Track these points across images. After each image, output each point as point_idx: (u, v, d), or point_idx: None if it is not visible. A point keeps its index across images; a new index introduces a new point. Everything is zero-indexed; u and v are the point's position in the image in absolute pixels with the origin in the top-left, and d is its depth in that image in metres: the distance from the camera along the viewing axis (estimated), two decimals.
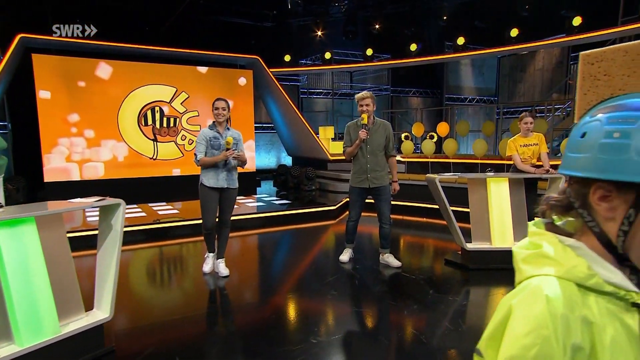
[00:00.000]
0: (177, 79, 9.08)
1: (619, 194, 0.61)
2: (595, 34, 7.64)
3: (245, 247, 5.83)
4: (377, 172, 4.07)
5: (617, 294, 0.63)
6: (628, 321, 0.63)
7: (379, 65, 11.54)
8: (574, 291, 0.62)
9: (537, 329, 0.60)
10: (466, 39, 9.56)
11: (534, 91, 12.04)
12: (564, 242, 0.66)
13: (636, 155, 0.57)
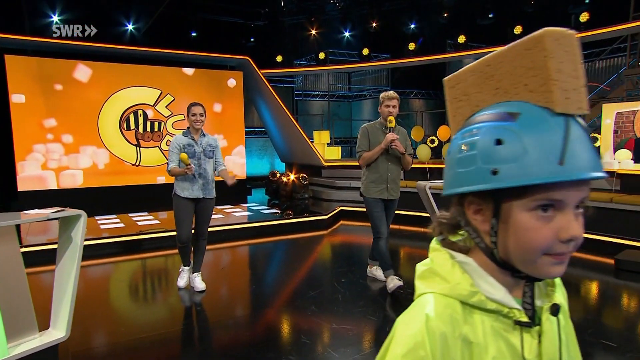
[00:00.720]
0: (162, 81, 9.13)
1: (486, 205, 0.63)
2: (604, 30, 7.64)
3: (226, 259, 5.81)
4: (396, 183, 3.92)
5: (501, 312, 0.63)
6: (512, 340, 0.64)
7: (377, 65, 11.59)
8: (457, 309, 0.63)
9: (415, 349, 0.61)
10: (468, 37, 9.59)
11: None
12: (455, 258, 0.67)
13: (481, 162, 0.60)
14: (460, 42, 9.23)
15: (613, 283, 4.39)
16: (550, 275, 0.62)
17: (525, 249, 0.60)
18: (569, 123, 0.58)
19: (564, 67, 0.58)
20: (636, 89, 8.39)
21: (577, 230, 0.60)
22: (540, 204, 0.59)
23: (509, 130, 0.59)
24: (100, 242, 5.63)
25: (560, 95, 0.57)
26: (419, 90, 14.08)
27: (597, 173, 0.58)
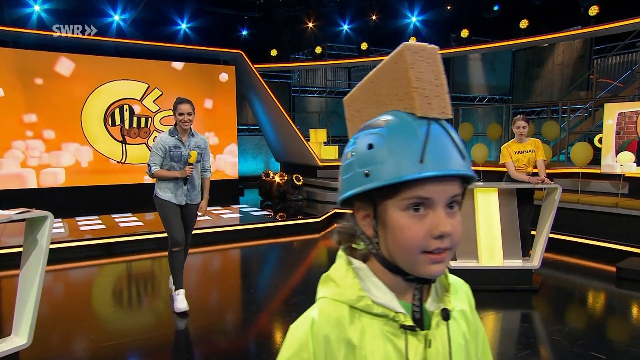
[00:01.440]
0: (149, 75, 9.18)
1: (369, 209, 0.68)
2: (614, 25, 7.63)
3: (213, 263, 5.84)
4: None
5: (388, 316, 0.68)
6: (399, 344, 0.67)
7: (376, 60, 11.60)
8: (344, 313, 0.68)
9: (299, 351, 0.67)
10: (472, 31, 9.59)
11: (553, 89, 12.02)
12: (351, 264, 0.72)
13: (357, 167, 0.67)
14: (464, 36, 9.23)
15: (613, 292, 4.40)
16: (430, 274, 0.66)
17: (402, 247, 0.65)
18: (431, 126, 0.65)
19: (425, 76, 0.66)
20: None
21: (447, 226, 0.64)
22: (410, 202, 0.64)
23: (378, 135, 0.66)
24: (76, 245, 5.66)
25: (421, 101, 0.65)
26: None
27: (455, 170, 0.64)
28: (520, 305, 3.91)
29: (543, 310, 3.94)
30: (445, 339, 0.71)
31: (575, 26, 8.25)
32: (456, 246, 0.67)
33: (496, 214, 4.30)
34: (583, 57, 11.47)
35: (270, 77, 13.64)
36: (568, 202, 6.18)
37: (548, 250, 5.42)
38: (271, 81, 13.71)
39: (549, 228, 4.31)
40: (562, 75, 11.89)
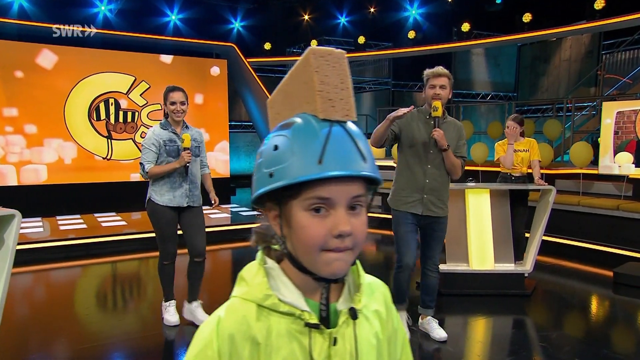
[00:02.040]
0: (136, 67, 9.19)
1: (277, 209, 0.73)
2: (619, 19, 7.63)
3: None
4: (437, 194, 3.09)
5: (294, 314, 0.71)
6: (305, 342, 0.71)
7: (373, 55, 11.62)
8: (251, 312, 0.72)
9: (204, 349, 0.71)
10: (474, 24, 9.60)
11: (560, 85, 12.02)
12: (264, 263, 0.76)
13: (264, 168, 0.71)
14: (464, 30, 9.24)
15: (607, 298, 4.41)
16: (331, 271, 0.70)
17: (304, 245, 0.70)
18: (332, 128, 0.69)
19: (330, 80, 0.70)
20: None
21: (346, 226, 0.68)
22: (312, 202, 0.68)
23: (283, 137, 0.70)
24: (53, 245, 5.69)
25: (324, 104, 0.69)
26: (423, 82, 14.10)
27: (352, 171, 0.67)
28: (510, 311, 3.92)
29: (533, 316, 3.96)
30: (352, 338, 0.74)
31: (580, 20, 8.25)
32: (359, 246, 0.71)
33: (488, 216, 4.32)
34: (591, 53, 11.46)
35: (264, 71, 13.65)
36: (568, 205, 6.19)
37: (544, 254, 5.46)
38: (266, 76, 13.72)
39: (542, 231, 4.33)
40: (570, 71, 11.89)
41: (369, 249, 6.72)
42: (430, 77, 3.05)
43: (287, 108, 0.76)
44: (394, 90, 14.19)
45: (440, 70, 3.05)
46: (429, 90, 3.06)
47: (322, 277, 0.71)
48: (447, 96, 3.08)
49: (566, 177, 6.95)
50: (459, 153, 3.14)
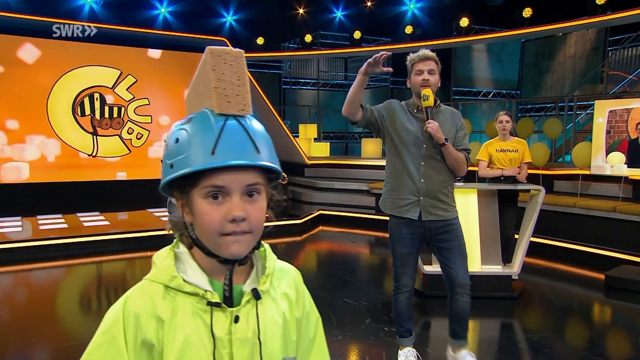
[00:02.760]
0: (122, 60, 9.29)
1: (182, 198, 0.83)
2: (621, 15, 7.72)
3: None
4: (437, 196, 2.73)
5: (198, 294, 0.81)
6: (207, 320, 0.81)
7: (369, 51, 11.70)
8: (158, 292, 0.81)
9: (110, 327, 0.80)
10: (476, 19, 9.69)
11: (564, 83, 12.10)
12: (175, 248, 0.86)
13: (167, 160, 0.82)
14: (463, 25, 9.34)
15: (596, 301, 4.50)
16: (231, 253, 0.80)
17: (204, 230, 0.80)
18: (227, 122, 0.79)
19: (226, 77, 0.80)
20: None
21: (240, 211, 0.78)
22: (208, 191, 0.78)
23: (183, 130, 0.80)
24: (31, 245, 5.78)
25: (220, 99, 0.79)
26: None
27: (243, 161, 0.77)
28: (494, 313, 4.01)
29: (517, 319, 4.04)
30: (254, 316, 0.84)
31: (582, 16, 8.35)
32: (258, 229, 0.82)
33: (475, 217, 4.40)
34: (597, 49, 11.54)
35: (259, 67, 13.78)
36: (565, 206, 6.28)
37: (537, 257, 5.55)
38: (260, 72, 13.86)
39: (531, 233, 4.41)
40: (575, 68, 11.97)
41: (362, 251, 6.80)
42: (416, 61, 2.70)
43: (197, 104, 0.86)
44: (393, 88, 14.29)
45: (427, 52, 2.70)
46: (415, 77, 2.70)
47: (225, 259, 0.81)
48: (437, 82, 2.71)
49: (565, 178, 7.04)
50: (461, 145, 2.76)
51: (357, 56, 13.77)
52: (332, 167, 10.41)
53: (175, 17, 11.81)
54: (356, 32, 10.62)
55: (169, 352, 0.78)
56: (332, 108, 15.39)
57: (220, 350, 0.80)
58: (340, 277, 5.25)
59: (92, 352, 0.80)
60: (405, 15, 12.02)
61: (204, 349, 0.80)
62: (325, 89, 15.09)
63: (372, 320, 3.80)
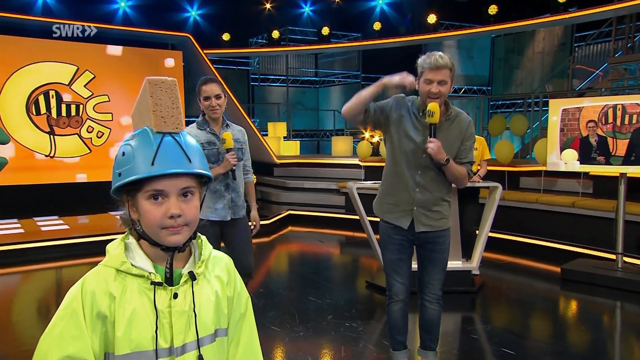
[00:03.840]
0: (78, 56, 9.27)
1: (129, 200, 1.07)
2: (583, 13, 8.19)
3: None
4: (431, 204, 2.68)
5: (144, 275, 1.06)
6: (151, 296, 1.06)
7: (338, 47, 11.98)
8: (110, 275, 1.06)
9: (71, 303, 1.04)
10: (442, 15, 10.06)
11: (534, 79, 12.63)
12: (125, 239, 1.10)
13: (115, 169, 1.06)
14: (431, 22, 9.70)
15: (551, 293, 4.85)
16: (170, 242, 1.06)
17: (148, 226, 1.05)
18: (164, 138, 1.05)
19: (163, 101, 1.07)
20: (622, 79, 8.99)
21: (176, 209, 1.03)
22: (150, 193, 1.04)
23: (129, 145, 1.05)
24: None
25: (158, 120, 1.06)
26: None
27: (175, 170, 1.03)
28: (453, 307, 4.30)
29: (474, 312, 4.36)
30: (190, 294, 1.08)
31: (545, 13, 8.80)
32: (192, 223, 1.08)
33: None
34: (564, 45, 12.10)
35: (226, 63, 13.89)
36: (528, 202, 6.67)
37: (499, 252, 5.92)
38: (227, 68, 13.97)
39: (489, 228, 4.74)
40: (543, 64, 12.51)
41: (331, 250, 7.04)
42: (426, 69, 2.53)
43: (140, 122, 1.11)
44: (364, 84, 14.60)
45: (439, 60, 2.50)
46: (423, 85, 2.56)
47: (167, 247, 1.06)
48: (447, 93, 2.58)
49: (529, 174, 7.45)
50: (465, 159, 2.68)
51: (326, 52, 14.03)
52: (302, 166, 10.63)
53: (136, 12, 11.81)
54: (324, 28, 10.86)
55: (120, 321, 1.02)
56: (303, 105, 15.62)
57: (161, 320, 1.04)
58: (306, 277, 5.49)
59: (56, 323, 1.03)
60: (374, 10, 12.33)
61: (148, 319, 1.04)
62: (295, 85, 15.29)
63: (333, 317, 4.04)
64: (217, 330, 1.12)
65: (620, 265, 4.86)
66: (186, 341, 1.06)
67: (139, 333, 1.03)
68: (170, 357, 1.05)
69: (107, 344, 1.04)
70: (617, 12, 8.35)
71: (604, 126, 4.66)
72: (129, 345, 1.02)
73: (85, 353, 1.01)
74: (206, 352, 1.08)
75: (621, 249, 4.85)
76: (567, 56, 11.74)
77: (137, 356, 1.02)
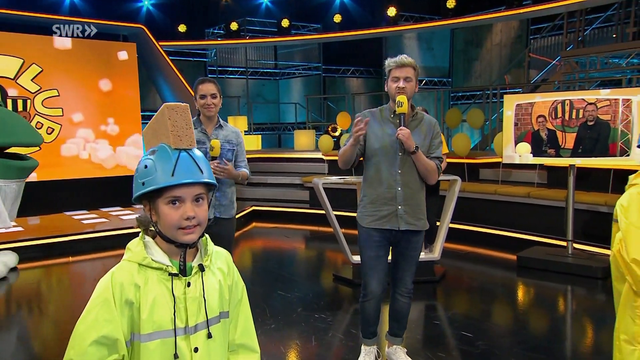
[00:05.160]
0: (24, 48, 9.10)
1: (149, 204, 1.33)
2: (539, 7, 8.75)
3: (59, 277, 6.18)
4: (414, 202, 2.94)
5: (162, 268, 1.31)
6: (168, 285, 1.33)
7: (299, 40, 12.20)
8: (134, 268, 1.32)
9: (104, 291, 1.31)
10: (401, 7, 10.44)
11: (492, 70, 13.26)
12: (144, 239, 1.35)
13: (138, 179, 1.32)
14: (391, 15, 10.06)
15: (508, 280, 5.33)
16: (186, 240, 1.32)
17: (167, 226, 1.31)
18: (181, 153, 1.32)
19: (178, 123, 1.34)
20: (574, 73, 9.64)
21: (191, 212, 1.30)
22: (170, 199, 1.30)
23: (150, 159, 1.32)
24: None
25: (175, 139, 1.33)
26: (356, 67, 14.89)
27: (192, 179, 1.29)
28: (417, 296, 4.61)
29: (436, 300, 4.77)
30: (200, 282, 1.36)
31: (502, 6, 9.33)
32: (203, 223, 1.34)
33: None
34: (521, 37, 12.76)
35: (182, 55, 13.85)
36: (487, 193, 7.14)
37: (459, 242, 6.36)
38: (184, 60, 13.93)
39: (449, 219, 5.13)
40: (501, 55, 13.15)
41: (297, 245, 7.31)
42: (393, 67, 2.87)
43: (154, 138, 1.38)
44: (325, 76, 14.89)
45: (404, 59, 2.86)
46: (391, 83, 2.88)
47: (181, 244, 1.32)
48: (413, 89, 2.88)
49: (488, 166, 7.95)
50: (433, 154, 2.95)
51: (286, 45, 14.22)
52: (265, 161, 10.81)
53: (84, 1, 11.62)
54: (284, 20, 11.04)
55: (144, 307, 1.29)
56: (263, 98, 15.76)
57: (178, 305, 1.31)
58: (274, 272, 5.74)
59: (91, 309, 1.29)
60: (334, 2, 12.59)
61: (167, 304, 1.31)
62: (254, 77, 15.40)
63: (303, 309, 4.33)
64: (221, 313, 1.40)
65: (570, 251, 5.36)
66: (198, 321, 1.33)
67: (160, 316, 1.29)
68: (186, 335, 1.32)
69: (133, 325, 1.29)
70: (569, 8, 8.95)
71: (554, 120, 5.12)
72: (152, 326, 1.28)
73: (117, 333, 1.26)
74: (214, 331, 1.36)
75: (571, 236, 5.34)
76: (523, 48, 12.39)
77: (158, 335, 1.29)
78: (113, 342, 1.26)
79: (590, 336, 4.01)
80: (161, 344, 1.29)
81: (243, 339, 1.48)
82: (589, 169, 6.06)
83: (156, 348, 1.29)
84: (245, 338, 1.48)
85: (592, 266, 5.05)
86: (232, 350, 1.46)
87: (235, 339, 1.46)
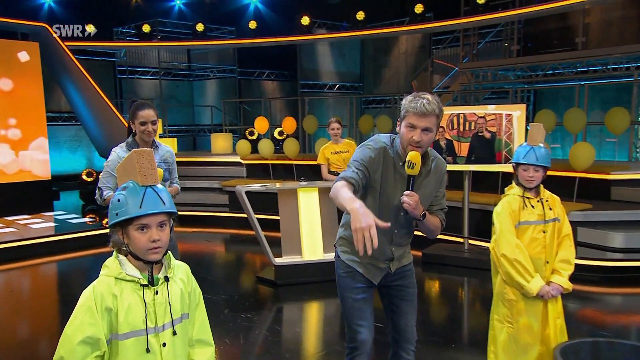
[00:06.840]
0: None
1: (122, 231, 1.63)
2: (438, 24, 9.66)
3: (18, 283, 6.05)
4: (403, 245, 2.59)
5: (135, 280, 1.63)
6: (140, 294, 1.65)
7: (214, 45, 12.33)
8: (112, 281, 1.64)
9: (86, 300, 1.61)
10: (314, 14, 10.94)
11: (400, 77, 14.24)
12: (118, 257, 1.66)
13: (113, 210, 1.63)
14: (304, 23, 10.53)
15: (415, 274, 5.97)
16: (152, 259, 1.64)
17: (137, 248, 1.62)
18: (147, 189, 1.64)
19: (144, 164, 1.66)
20: (469, 83, 10.74)
21: (156, 236, 1.61)
22: (138, 226, 1.61)
23: (122, 194, 1.63)
24: None
25: (142, 177, 1.65)
26: (271, 70, 15.24)
27: (155, 210, 1.61)
28: (327, 295, 5.11)
29: None
30: (166, 291, 1.68)
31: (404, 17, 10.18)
32: (165, 245, 1.65)
33: (317, 211, 5.48)
34: (424, 47, 13.83)
35: (89, 54, 13.38)
36: None
37: None
38: (91, 59, 13.46)
39: None
40: (407, 63, 14.16)
41: (218, 249, 7.55)
42: (411, 113, 2.29)
43: (125, 175, 1.68)
44: (241, 79, 15.09)
45: (427, 106, 2.25)
46: (405, 130, 2.32)
47: (148, 261, 1.64)
48: (430, 141, 2.35)
49: None
50: (437, 205, 2.56)
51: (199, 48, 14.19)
52: (182, 165, 10.79)
53: None
54: (199, 24, 11.13)
55: (121, 312, 1.60)
56: (177, 99, 15.62)
57: (149, 309, 1.64)
58: (199, 276, 5.75)
59: (77, 315, 1.59)
60: (248, 8, 12.82)
61: (140, 309, 1.63)
62: (167, 78, 15.23)
63: (230, 310, 4.65)
64: (183, 314, 1.73)
65: (466, 247, 6.13)
66: (165, 322, 1.66)
67: (134, 318, 1.61)
68: (155, 333, 1.64)
69: (112, 327, 1.61)
70: (463, 26, 9.98)
71: (451, 131, 5.84)
72: (127, 327, 1.60)
73: (99, 334, 1.58)
74: (178, 329, 1.70)
75: (467, 233, 6.11)
76: (426, 57, 13.46)
77: (133, 334, 1.61)
78: (96, 341, 1.57)
79: (481, 320, 4.70)
80: (135, 341, 1.61)
81: (200, 335, 1.83)
82: (482, 173, 6.92)
83: (131, 344, 1.61)
84: (202, 334, 1.84)
85: (484, 260, 5.78)
86: (192, 345, 1.81)
87: (194, 335, 1.81)
